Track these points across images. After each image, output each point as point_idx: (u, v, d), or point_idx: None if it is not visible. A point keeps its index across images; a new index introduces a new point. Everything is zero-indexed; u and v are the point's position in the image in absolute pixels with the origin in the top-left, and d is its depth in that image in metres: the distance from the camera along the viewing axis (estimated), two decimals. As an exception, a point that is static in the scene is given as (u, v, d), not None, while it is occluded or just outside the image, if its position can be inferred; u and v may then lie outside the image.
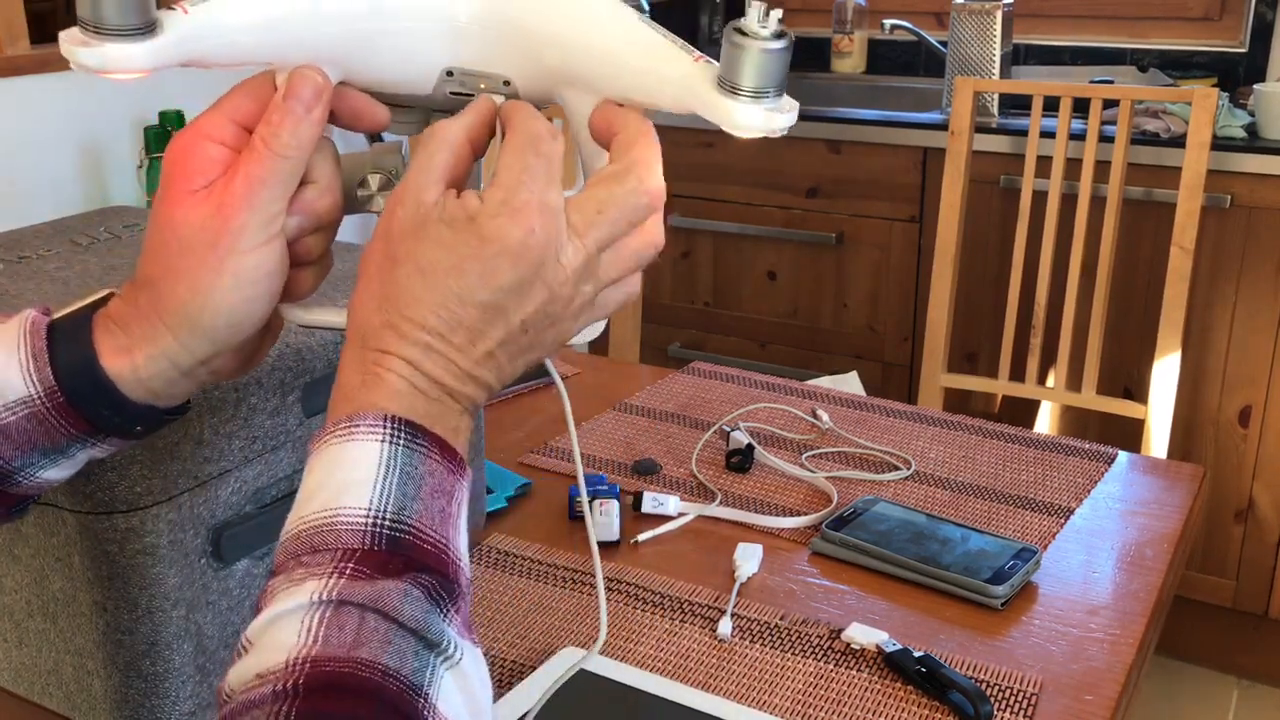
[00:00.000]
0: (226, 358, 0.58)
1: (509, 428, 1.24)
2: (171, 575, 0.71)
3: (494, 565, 0.97)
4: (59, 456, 0.57)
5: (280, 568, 0.48)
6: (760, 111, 0.57)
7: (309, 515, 0.48)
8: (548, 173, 0.53)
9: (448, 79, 0.61)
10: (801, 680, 0.83)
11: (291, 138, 0.54)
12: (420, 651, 0.46)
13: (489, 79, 0.61)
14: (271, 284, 0.56)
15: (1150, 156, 2.14)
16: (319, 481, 0.49)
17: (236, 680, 0.45)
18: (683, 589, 0.93)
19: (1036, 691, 0.82)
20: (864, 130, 2.40)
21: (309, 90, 0.55)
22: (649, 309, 2.69)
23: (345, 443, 0.49)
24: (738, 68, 0.56)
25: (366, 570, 0.46)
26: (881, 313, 2.50)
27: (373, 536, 0.47)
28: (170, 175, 0.55)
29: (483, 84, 0.62)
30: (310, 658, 0.44)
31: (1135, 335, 2.25)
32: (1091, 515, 1.07)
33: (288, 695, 0.43)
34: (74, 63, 0.55)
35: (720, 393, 1.32)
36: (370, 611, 0.45)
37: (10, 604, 0.75)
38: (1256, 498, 2.23)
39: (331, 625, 0.45)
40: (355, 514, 0.48)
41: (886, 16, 2.78)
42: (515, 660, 0.84)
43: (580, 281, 0.54)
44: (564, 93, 0.62)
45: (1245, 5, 2.54)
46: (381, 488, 0.48)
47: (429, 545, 0.48)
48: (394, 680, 0.44)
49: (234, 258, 0.54)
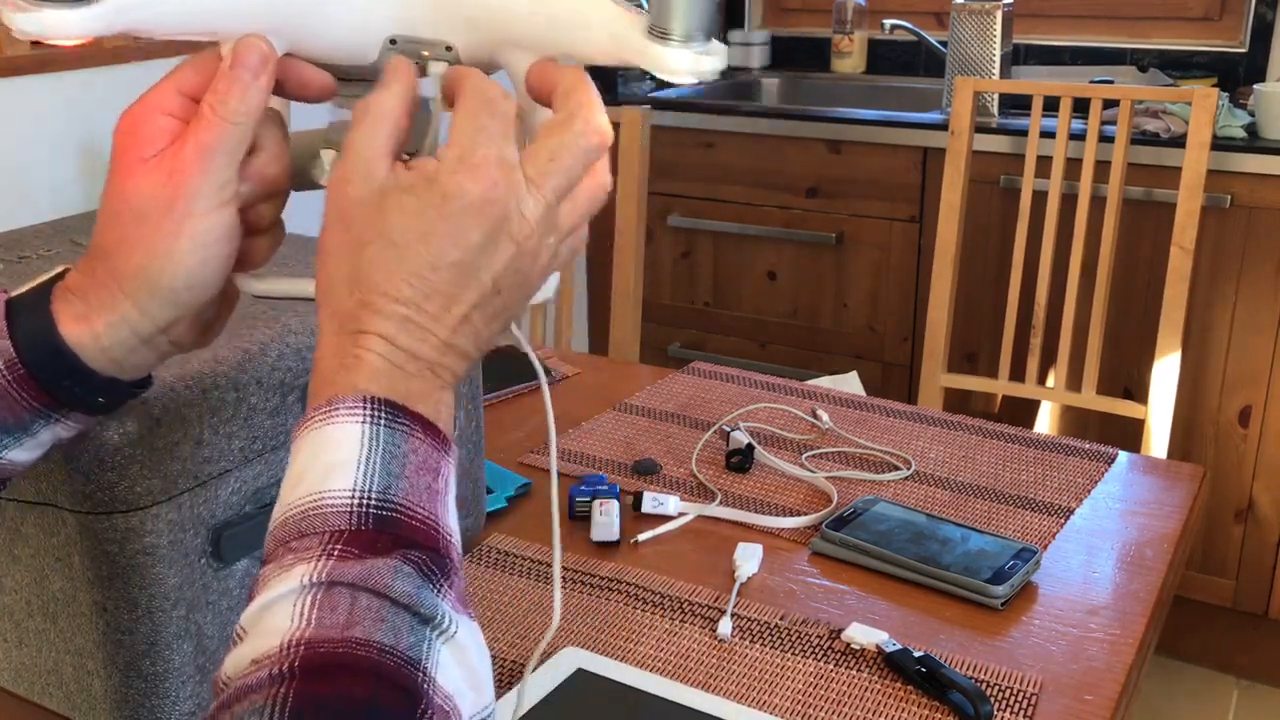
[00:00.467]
0: (186, 325, 0.59)
1: (509, 428, 1.24)
2: (171, 575, 0.71)
3: (494, 565, 0.97)
4: (22, 434, 0.57)
5: (270, 556, 0.48)
6: (690, 55, 0.59)
7: (295, 501, 0.49)
8: (503, 131, 0.54)
9: (391, 47, 0.62)
10: (801, 680, 0.83)
11: (240, 104, 0.55)
12: (415, 626, 0.46)
13: (432, 45, 0.62)
14: (227, 247, 0.57)
15: (1150, 156, 2.14)
16: (303, 467, 0.49)
17: (232, 668, 0.45)
18: (683, 589, 0.93)
19: (1036, 691, 0.82)
20: (864, 130, 2.40)
21: (255, 57, 0.55)
22: (649, 309, 2.69)
23: (326, 426, 0.50)
24: (667, 14, 0.59)
25: (355, 550, 0.47)
26: (881, 313, 2.50)
27: (359, 517, 0.48)
28: (121, 147, 0.56)
29: (425, 51, 0.62)
30: (305, 640, 0.44)
31: (1135, 335, 2.25)
32: (1091, 515, 1.07)
33: (284, 678, 0.43)
34: (12, 29, 0.56)
35: (720, 393, 1.32)
36: (362, 590, 0.45)
37: (10, 604, 0.75)
38: (1256, 498, 2.23)
39: (324, 607, 0.45)
40: (340, 496, 0.48)
41: (886, 16, 2.78)
42: (515, 660, 0.84)
43: (544, 234, 0.54)
44: (505, 55, 0.63)
45: (1245, 5, 2.54)
46: (365, 468, 0.48)
47: (417, 522, 0.49)
48: (390, 656, 0.44)
49: (190, 221, 0.55)
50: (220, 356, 0.73)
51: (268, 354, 0.75)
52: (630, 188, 1.90)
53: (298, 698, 0.42)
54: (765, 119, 2.50)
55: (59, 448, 0.60)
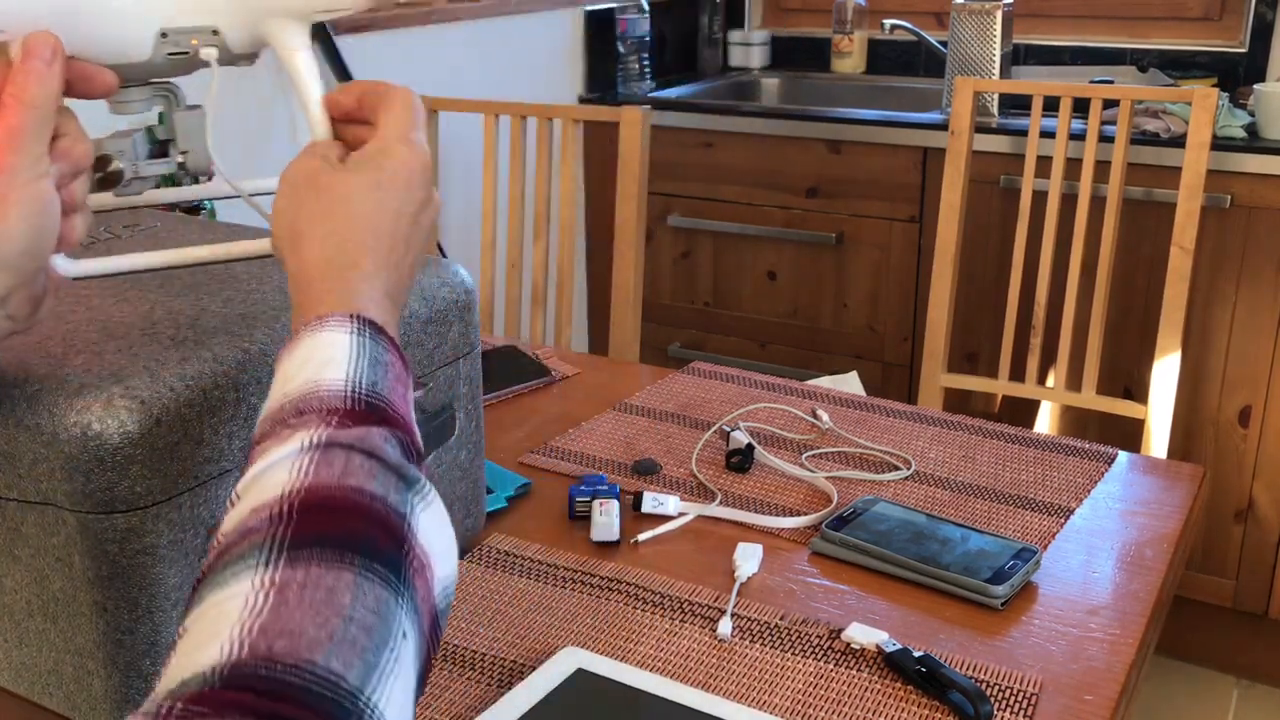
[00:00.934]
0: (20, 299, 0.62)
1: (509, 428, 1.24)
2: (172, 575, 0.71)
3: (494, 565, 0.97)
4: None
5: (265, 436, 0.54)
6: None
7: (291, 390, 0.55)
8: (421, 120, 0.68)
9: (163, 40, 0.69)
10: (801, 680, 0.83)
11: (39, 89, 0.61)
12: (400, 488, 0.53)
13: (199, 32, 0.70)
14: (52, 214, 0.62)
15: (1150, 156, 2.14)
16: (299, 364, 0.56)
17: (230, 525, 0.50)
18: (683, 589, 0.93)
19: (1036, 691, 0.82)
20: (864, 130, 2.40)
21: (46, 48, 0.61)
22: (649, 309, 2.69)
23: (317, 333, 0.57)
24: None
25: (350, 422, 0.54)
26: (881, 313, 2.50)
27: (353, 400, 0.55)
28: None
29: (194, 39, 0.70)
30: (304, 488, 0.50)
31: (1135, 335, 2.25)
32: (1091, 515, 1.07)
33: (283, 519, 0.48)
34: None
35: (720, 393, 1.32)
36: (357, 451, 0.52)
37: (10, 604, 0.75)
38: (1256, 498, 2.23)
39: (321, 463, 0.51)
40: (336, 383, 0.55)
41: (886, 16, 2.78)
42: (515, 660, 0.85)
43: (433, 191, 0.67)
44: (267, 26, 0.71)
45: (1245, 5, 2.54)
46: (355, 365, 0.56)
47: (398, 415, 0.57)
48: (380, 504, 0.51)
49: (14, 191, 0.60)
50: (220, 356, 0.73)
51: (267, 354, 0.75)
52: (630, 188, 1.90)
53: (297, 533, 0.48)
54: (765, 119, 2.50)
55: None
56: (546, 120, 1.96)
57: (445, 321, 0.89)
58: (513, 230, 2.03)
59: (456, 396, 0.91)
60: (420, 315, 0.86)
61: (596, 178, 2.73)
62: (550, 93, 2.65)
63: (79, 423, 0.67)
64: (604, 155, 2.66)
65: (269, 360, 0.75)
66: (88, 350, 0.74)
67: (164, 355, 0.73)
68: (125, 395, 0.68)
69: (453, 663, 0.84)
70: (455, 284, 0.90)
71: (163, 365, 0.71)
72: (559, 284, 2.01)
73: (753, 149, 2.52)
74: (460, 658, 0.85)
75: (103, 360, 0.72)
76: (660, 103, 2.61)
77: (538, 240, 1.99)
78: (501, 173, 2.20)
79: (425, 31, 2.26)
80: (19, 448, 0.69)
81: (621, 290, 1.95)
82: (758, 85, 3.01)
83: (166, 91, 0.74)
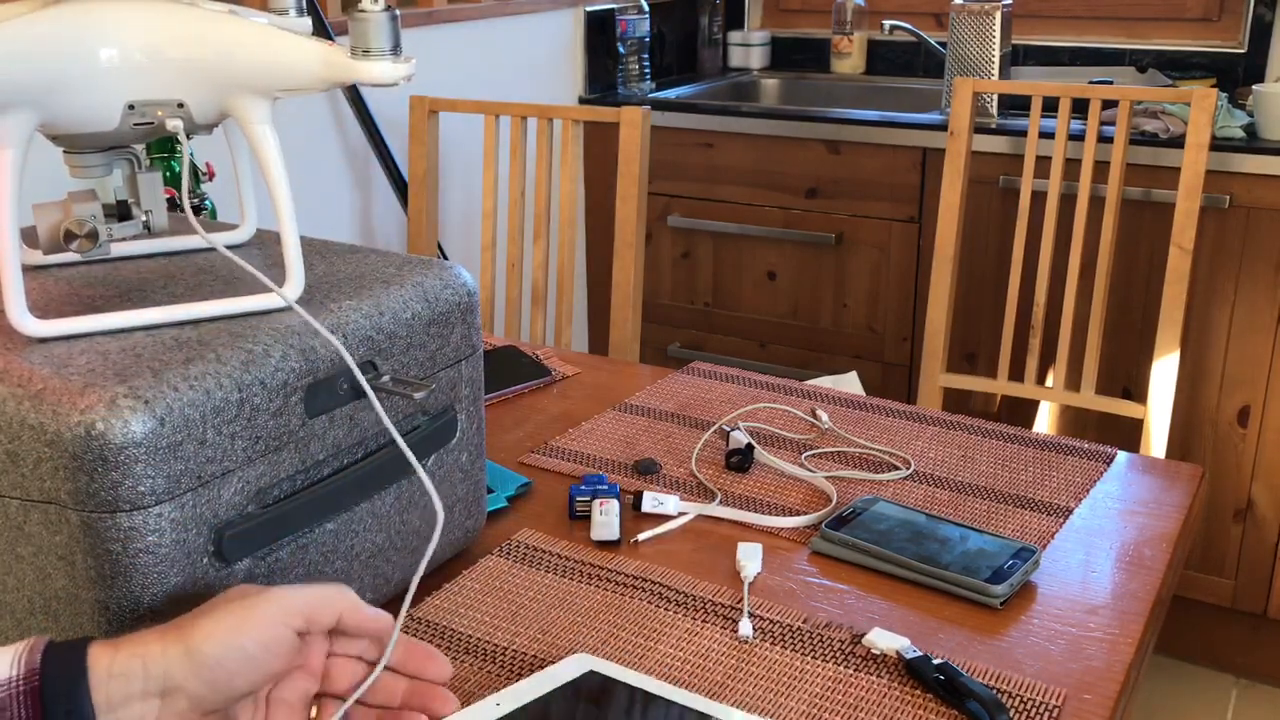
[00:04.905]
0: None
1: (509, 428, 1.24)
2: (174, 575, 0.71)
3: (521, 560, 0.97)
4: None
5: None
6: (390, 65, 0.74)
7: None
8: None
9: (130, 112, 0.72)
10: (819, 684, 0.83)
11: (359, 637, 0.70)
12: None
13: (165, 105, 0.73)
14: (279, 655, 0.66)
15: (1149, 157, 2.14)
16: None
17: None
18: (686, 583, 0.94)
19: (1060, 705, 0.81)
20: (863, 130, 2.40)
21: None
22: (649, 309, 2.69)
23: None
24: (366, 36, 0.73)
25: None
26: (881, 313, 2.50)
27: None
28: None
29: (160, 110, 0.73)
30: None
31: (1134, 335, 2.25)
32: (1090, 515, 1.07)
33: None
34: None
35: (720, 393, 1.32)
36: None
37: (12, 602, 0.75)
38: (1255, 497, 2.23)
39: None
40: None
41: (886, 17, 2.78)
42: (535, 655, 0.85)
43: None
44: (232, 102, 0.74)
45: (1244, 5, 2.55)
46: None
47: None
48: None
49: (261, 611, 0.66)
50: (224, 356, 0.73)
51: (271, 354, 0.75)
52: (630, 188, 1.91)
53: None
54: (765, 119, 2.51)
55: None
56: (546, 120, 1.97)
57: (447, 323, 0.89)
58: (512, 230, 2.03)
59: (458, 398, 0.91)
60: (422, 317, 0.87)
61: (596, 178, 2.73)
62: (550, 93, 2.65)
63: (83, 422, 0.67)
64: (604, 155, 2.67)
65: (272, 360, 0.75)
66: (91, 350, 0.74)
67: (167, 355, 0.73)
68: (129, 395, 0.68)
69: (474, 655, 0.85)
70: (457, 286, 0.90)
71: (166, 365, 0.72)
72: (559, 284, 2.02)
73: (752, 149, 2.53)
74: (481, 650, 0.85)
75: (106, 360, 0.72)
76: (660, 103, 2.61)
77: (537, 240, 1.99)
78: (501, 173, 2.20)
79: (425, 31, 2.26)
80: (22, 446, 0.69)
81: (621, 290, 1.95)
82: (757, 86, 3.01)
83: (129, 155, 0.76)
